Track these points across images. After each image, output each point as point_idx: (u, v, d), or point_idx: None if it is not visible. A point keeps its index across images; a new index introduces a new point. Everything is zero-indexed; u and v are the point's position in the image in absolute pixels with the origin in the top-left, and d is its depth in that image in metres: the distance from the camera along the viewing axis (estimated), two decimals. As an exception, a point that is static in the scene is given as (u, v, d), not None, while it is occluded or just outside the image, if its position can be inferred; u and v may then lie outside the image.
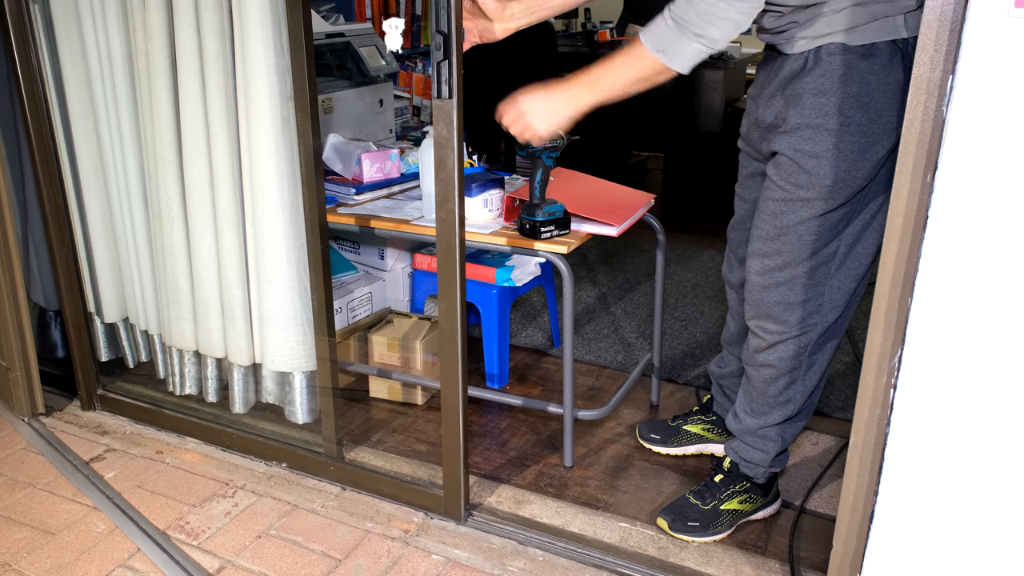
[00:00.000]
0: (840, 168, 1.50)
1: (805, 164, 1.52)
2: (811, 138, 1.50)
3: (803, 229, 1.57)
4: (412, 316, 2.50)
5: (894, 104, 1.46)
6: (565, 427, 2.08)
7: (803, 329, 1.64)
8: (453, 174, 1.61)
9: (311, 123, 1.79)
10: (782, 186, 1.57)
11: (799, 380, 1.71)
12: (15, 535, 1.86)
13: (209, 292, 2.10)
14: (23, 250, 2.42)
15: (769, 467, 1.82)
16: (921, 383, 1.27)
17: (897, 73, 1.44)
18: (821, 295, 1.62)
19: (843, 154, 1.49)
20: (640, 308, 3.07)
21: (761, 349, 1.71)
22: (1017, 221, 1.14)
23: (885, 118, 1.47)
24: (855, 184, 1.52)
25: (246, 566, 1.76)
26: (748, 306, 1.71)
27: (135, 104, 2.11)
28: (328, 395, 2.03)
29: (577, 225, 2.00)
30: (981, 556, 1.31)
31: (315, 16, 2.74)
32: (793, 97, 1.52)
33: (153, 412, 2.28)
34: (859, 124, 1.47)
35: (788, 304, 1.63)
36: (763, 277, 1.65)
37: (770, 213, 1.61)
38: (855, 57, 1.45)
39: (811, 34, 1.49)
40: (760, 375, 1.74)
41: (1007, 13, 1.07)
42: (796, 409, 1.74)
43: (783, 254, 1.61)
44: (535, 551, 1.80)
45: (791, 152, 1.54)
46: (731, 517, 1.83)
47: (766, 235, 1.63)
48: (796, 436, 1.82)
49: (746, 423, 1.81)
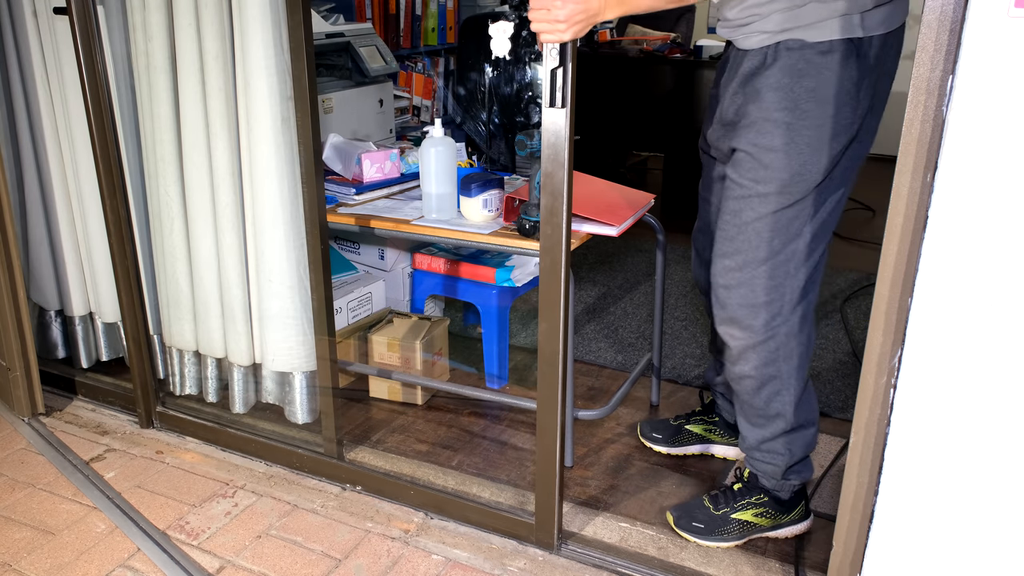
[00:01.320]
0: (796, 162, 1.52)
1: (763, 158, 1.54)
2: (768, 132, 1.52)
3: (761, 226, 1.57)
4: (412, 316, 2.50)
5: (849, 100, 1.49)
6: (566, 427, 2.08)
7: (769, 333, 1.63)
8: (562, 187, 1.53)
9: (311, 123, 1.79)
10: (740, 183, 1.58)
11: (783, 390, 1.68)
12: (15, 535, 1.86)
13: (209, 292, 2.10)
14: (23, 250, 2.42)
15: (784, 479, 1.78)
16: (921, 383, 1.27)
17: (852, 71, 1.47)
18: (783, 296, 1.61)
19: (799, 148, 1.51)
20: (640, 308, 3.07)
21: (735, 360, 1.70)
22: (1017, 221, 1.14)
23: (841, 113, 1.49)
24: (812, 179, 1.53)
25: (246, 566, 1.76)
26: (715, 309, 1.70)
27: (135, 104, 2.11)
28: (328, 395, 2.03)
29: (577, 225, 2.00)
30: (981, 556, 1.31)
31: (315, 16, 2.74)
32: (752, 92, 1.54)
33: (217, 431, 2.19)
34: (815, 118, 1.49)
35: (751, 306, 1.62)
36: (725, 277, 1.65)
37: (730, 212, 1.62)
38: (813, 53, 1.47)
39: (771, 28, 1.50)
40: (742, 387, 1.72)
41: (1007, 13, 1.07)
42: (789, 421, 1.71)
43: (742, 253, 1.61)
44: (535, 551, 1.80)
45: (749, 147, 1.56)
46: (741, 528, 1.80)
47: (726, 235, 1.63)
48: (808, 447, 1.77)
49: (748, 439, 1.78)
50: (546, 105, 1.49)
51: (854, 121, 1.51)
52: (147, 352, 2.25)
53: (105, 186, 2.07)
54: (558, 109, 1.48)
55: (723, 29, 1.63)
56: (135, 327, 2.21)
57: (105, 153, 2.05)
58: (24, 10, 2.17)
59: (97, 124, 2.02)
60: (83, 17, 1.94)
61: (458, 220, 2.08)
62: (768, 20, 1.50)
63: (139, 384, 2.27)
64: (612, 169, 4.10)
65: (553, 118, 1.49)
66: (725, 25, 1.62)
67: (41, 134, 2.29)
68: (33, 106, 2.27)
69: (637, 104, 4.25)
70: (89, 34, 1.96)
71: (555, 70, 1.46)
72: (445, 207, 2.08)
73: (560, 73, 1.46)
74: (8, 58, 2.26)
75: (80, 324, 2.47)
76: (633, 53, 4.28)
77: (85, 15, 1.94)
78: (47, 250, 2.41)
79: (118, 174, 2.09)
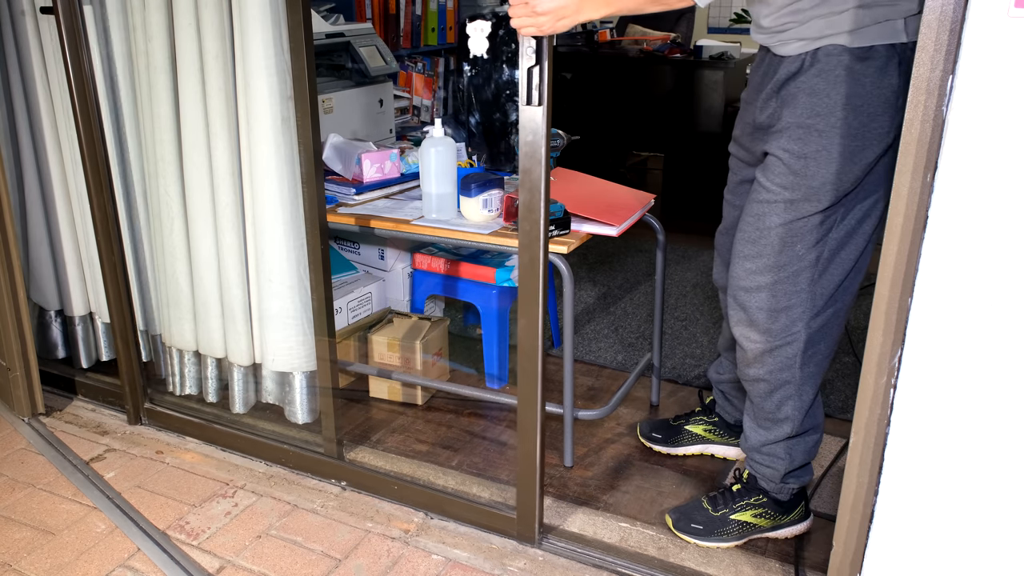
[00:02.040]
0: (828, 170, 1.49)
1: (793, 165, 1.51)
2: (801, 138, 1.50)
3: (785, 231, 1.55)
4: (412, 316, 2.50)
5: (887, 109, 1.45)
6: (565, 427, 2.08)
7: (787, 338, 1.61)
8: (540, 184, 1.54)
9: (311, 123, 1.79)
10: (768, 187, 1.56)
11: (794, 396, 1.67)
12: (15, 535, 1.86)
13: (209, 292, 2.10)
14: (23, 250, 2.42)
15: (782, 482, 1.77)
16: (921, 383, 1.27)
17: (893, 78, 1.43)
18: (804, 302, 1.59)
19: (832, 156, 1.48)
20: (640, 308, 3.07)
21: (749, 363, 1.68)
22: (1017, 221, 1.14)
23: (877, 122, 1.46)
24: (841, 188, 1.50)
25: (246, 566, 1.76)
26: (732, 311, 1.68)
27: (135, 104, 2.11)
28: (328, 395, 2.03)
29: (577, 225, 2.00)
30: (981, 556, 1.31)
31: (315, 16, 2.74)
32: (788, 97, 1.51)
33: (217, 431, 2.20)
34: (850, 127, 1.46)
35: (771, 310, 1.60)
36: (745, 280, 1.62)
37: (754, 215, 1.60)
38: (852, 59, 1.43)
39: (809, 35, 1.47)
40: (754, 390, 1.71)
41: (1007, 13, 1.07)
42: (796, 427, 1.70)
43: (764, 256, 1.59)
44: (535, 551, 1.80)
45: (780, 152, 1.53)
46: (741, 529, 1.80)
47: (748, 237, 1.61)
48: (809, 454, 1.76)
49: (751, 439, 1.78)
50: (523, 103, 1.50)
51: (891, 130, 1.46)
52: (135, 349, 2.26)
53: (92, 183, 2.07)
54: (535, 107, 1.49)
55: (759, 35, 1.60)
56: (123, 324, 2.21)
57: (92, 151, 2.05)
58: (24, 9, 2.17)
59: (84, 122, 2.03)
60: (69, 16, 1.94)
61: (458, 220, 2.08)
62: (807, 27, 1.47)
63: (127, 381, 2.27)
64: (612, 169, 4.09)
65: (530, 115, 1.50)
66: (761, 32, 1.58)
67: (41, 134, 2.29)
68: (33, 106, 2.27)
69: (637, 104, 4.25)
70: (75, 32, 1.96)
71: (531, 68, 1.46)
72: (445, 207, 2.08)
73: (536, 71, 1.47)
74: (8, 58, 2.26)
75: (80, 324, 2.47)
76: (633, 53, 4.28)
77: (71, 14, 1.94)
78: (47, 250, 2.41)
79: (105, 171, 2.09)
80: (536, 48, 1.45)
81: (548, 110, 1.50)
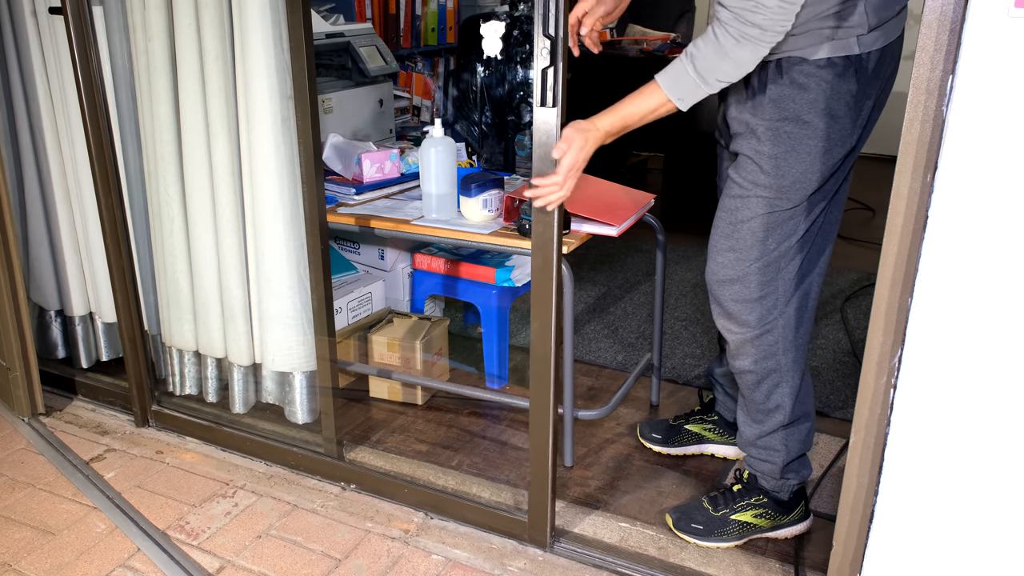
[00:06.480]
0: (797, 170, 1.55)
1: (764, 164, 1.58)
2: (771, 140, 1.56)
3: (756, 224, 1.61)
4: (412, 316, 2.50)
5: (848, 112, 1.52)
6: (565, 427, 2.08)
7: (764, 327, 1.67)
8: None
9: (311, 123, 1.79)
10: (740, 183, 1.62)
11: (783, 383, 1.72)
12: (15, 535, 1.86)
13: (209, 292, 2.10)
14: (23, 250, 2.42)
15: (782, 478, 1.79)
16: (921, 383, 1.27)
17: (851, 84, 1.50)
18: (776, 291, 1.65)
19: (801, 156, 1.54)
20: (640, 308, 3.07)
21: (734, 355, 1.74)
22: (1017, 221, 1.14)
23: (840, 124, 1.52)
24: (810, 186, 1.57)
25: (246, 566, 1.76)
26: (712, 304, 1.75)
27: (135, 104, 2.11)
28: (328, 395, 2.03)
29: (577, 225, 2.01)
30: (981, 556, 1.31)
31: (315, 16, 2.74)
32: (757, 105, 1.58)
33: (217, 431, 2.19)
34: (817, 129, 1.52)
35: (744, 302, 1.67)
36: (720, 273, 1.69)
37: (726, 210, 1.66)
38: (813, 68, 1.50)
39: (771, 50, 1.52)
40: (744, 381, 1.76)
41: (1007, 13, 1.07)
42: (787, 415, 1.73)
43: (736, 250, 1.65)
44: (535, 551, 1.80)
45: (752, 153, 1.59)
46: (741, 529, 1.81)
47: (722, 232, 1.67)
48: (805, 444, 1.79)
49: (746, 434, 1.81)
50: (537, 104, 1.51)
51: (854, 131, 1.54)
52: (143, 351, 2.25)
53: (100, 186, 2.07)
54: (549, 108, 1.50)
55: None
56: (130, 326, 2.21)
57: (100, 153, 2.05)
58: (24, 10, 2.17)
59: (92, 124, 2.02)
60: (78, 16, 1.94)
61: (458, 220, 2.08)
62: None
63: (135, 383, 2.26)
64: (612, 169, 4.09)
65: (545, 117, 1.51)
66: None
67: (41, 134, 2.29)
68: (33, 106, 2.27)
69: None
70: (84, 33, 1.95)
71: (546, 69, 1.47)
72: (445, 207, 2.08)
73: (551, 72, 1.47)
74: (8, 58, 2.26)
75: (80, 324, 2.47)
76: (633, 53, 4.28)
77: (80, 15, 1.94)
78: (47, 250, 2.41)
79: (113, 173, 2.09)
80: (551, 50, 1.46)
81: (562, 111, 1.51)
